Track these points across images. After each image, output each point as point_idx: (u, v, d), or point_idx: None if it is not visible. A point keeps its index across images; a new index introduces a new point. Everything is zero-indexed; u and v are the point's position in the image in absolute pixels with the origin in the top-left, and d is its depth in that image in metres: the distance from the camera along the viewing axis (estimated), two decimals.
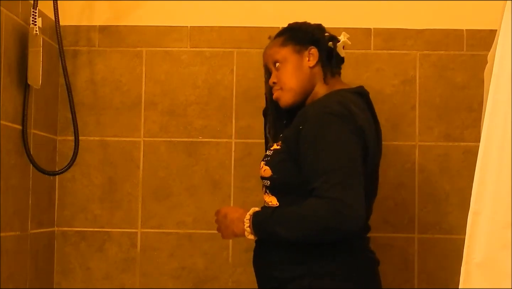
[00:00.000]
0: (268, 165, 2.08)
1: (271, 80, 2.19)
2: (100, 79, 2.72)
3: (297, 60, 2.15)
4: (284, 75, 2.15)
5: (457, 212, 2.64)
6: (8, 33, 2.20)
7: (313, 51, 2.15)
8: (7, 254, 2.20)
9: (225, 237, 2.16)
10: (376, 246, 2.16)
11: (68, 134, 2.65)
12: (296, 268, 2.02)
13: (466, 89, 2.67)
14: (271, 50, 2.20)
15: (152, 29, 2.72)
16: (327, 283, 1.99)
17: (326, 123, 1.99)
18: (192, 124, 2.70)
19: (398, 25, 2.69)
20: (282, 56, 2.16)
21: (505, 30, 1.74)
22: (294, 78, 2.14)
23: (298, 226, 1.96)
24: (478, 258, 1.68)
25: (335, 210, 1.89)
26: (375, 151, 2.11)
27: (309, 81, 2.15)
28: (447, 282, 2.60)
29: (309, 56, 2.15)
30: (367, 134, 2.03)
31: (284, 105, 2.17)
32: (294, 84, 2.14)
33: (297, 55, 2.15)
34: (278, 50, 2.17)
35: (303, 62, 2.15)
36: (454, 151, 2.66)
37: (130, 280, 2.68)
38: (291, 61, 2.15)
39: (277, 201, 2.07)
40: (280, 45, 2.17)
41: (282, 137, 2.10)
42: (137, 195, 2.69)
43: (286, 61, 2.15)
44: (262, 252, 2.11)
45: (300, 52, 2.15)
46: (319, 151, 1.97)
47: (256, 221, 2.03)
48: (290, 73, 2.14)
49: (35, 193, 2.45)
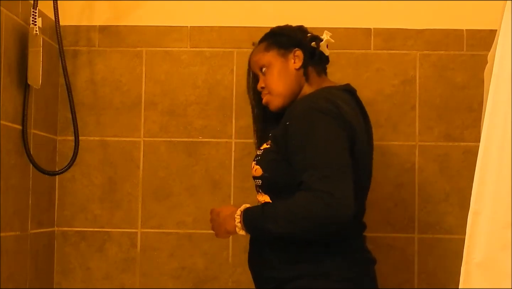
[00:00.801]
0: (259, 164, 2.08)
1: (259, 85, 2.21)
2: (100, 79, 2.72)
3: (282, 63, 2.17)
4: (271, 80, 2.16)
5: (457, 212, 2.64)
6: (8, 33, 2.20)
7: (298, 53, 2.16)
8: (7, 254, 2.21)
9: (218, 235, 2.15)
10: (376, 246, 2.17)
11: (68, 134, 2.65)
12: (293, 268, 2.02)
13: (466, 89, 2.67)
14: (256, 56, 2.21)
15: (152, 29, 2.72)
16: (323, 283, 1.99)
17: (313, 119, 2.00)
18: (192, 124, 2.70)
19: (398, 25, 2.69)
20: (267, 61, 2.17)
21: (505, 30, 1.74)
22: (282, 82, 2.15)
23: (289, 222, 1.94)
24: (478, 258, 1.68)
25: (325, 204, 1.88)
26: (366, 146, 2.11)
27: (296, 83, 2.16)
28: (447, 282, 2.60)
29: (294, 58, 2.16)
30: (356, 130, 2.03)
31: (274, 109, 2.18)
32: (281, 87, 2.15)
33: (282, 59, 2.17)
34: (262, 55, 2.19)
35: (289, 65, 2.16)
36: (454, 151, 2.66)
37: (130, 280, 2.68)
38: (277, 65, 2.16)
39: (270, 200, 2.07)
40: (264, 50, 2.19)
41: (271, 137, 2.11)
42: (137, 195, 2.69)
43: (271, 65, 2.17)
44: (258, 252, 2.11)
45: (284, 55, 2.17)
46: (307, 146, 1.96)
47: (247, 218, 2.02)
48: (277, 77, 2.16)
49: (35, 193, 2.45)
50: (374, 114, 2.24)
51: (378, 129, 2.26)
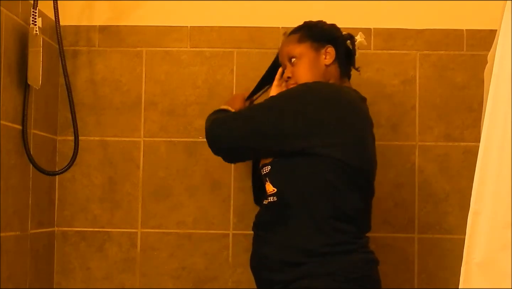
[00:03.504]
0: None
1: (285, 74, 2.22)
2: (100, 79, 2.72)
3: (314, 57, 2.18)
4: (299, 71, 2.17)
5: (457, 212, 2.64)
6: (8, 33, 2.20)
7: (330, 50, 2.18)
8: (7, 254, 2.21)
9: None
10: (376, 246, 2.17)
11: (68, 134, 2.65)
12: (297, 269, 2.02)
13: (466, 89, 2.67)
14: (288, 46, 2.22)
15: (152, 29, 2.72)
16: (327, 284, 1.99)
17: (296, 89, 2.09)
18: (192, 124, 2.70)
19: (398, 25, 2.69)
20: (299, 52, 2.18)
21: (505, 30, 1.74)
22: (310, 74, 2.16)
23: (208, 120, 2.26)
24: (478, 258, 1.69)
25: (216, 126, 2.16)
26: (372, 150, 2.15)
27: (323, 79, 2.17)
28: (447, 282, 2.60)
29: (326, 54, 2.18)
30: (366, 128, 2.07)
31: None
32: (309, 79, 2.15)
33: (314, 52, 2.18)
34: (295, 46, 2.20)
35: (320, 60, 2.18)
36: (454, 151, 2.66)
37: (130, 280, 2.68)
38: (308, 57, 2.17)
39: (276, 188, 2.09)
40: (297, 41, 2.20)
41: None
42: (137, 195, 2.69)
43: (302, 57, 2.18)
44: (262, 255, 2.11)
45: (317, 49, 2.18)
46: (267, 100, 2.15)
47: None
48: (306, 69, 2.17)
49: (35, 193, 2.45)
50: (374, 114, 2.24)
51: (378, 129, 2.26)
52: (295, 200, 2.05)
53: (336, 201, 2.04)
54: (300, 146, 2.03)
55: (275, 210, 2.09)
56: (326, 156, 2.02)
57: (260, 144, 2.09)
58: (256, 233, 2.18)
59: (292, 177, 2.06)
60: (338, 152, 2.02)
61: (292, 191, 2.05)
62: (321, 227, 2.02)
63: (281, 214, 2.07)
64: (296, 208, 2.05)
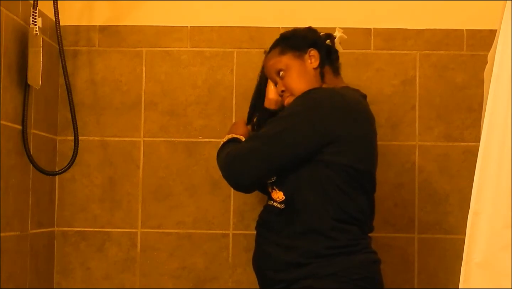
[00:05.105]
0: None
1: (278, 89, 2.21)
2: (100, 79, 2.72)
3: (300, 64, 2.17)
4: (291, 81, 2.17)
5: (457, 212, 2.64)
6: (8, 33, 2.20)
7: (313, 53, 2.17)
8: (7, 254, 2.21)
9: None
10: (376, 246, 2.16)
11: (68, 134, 2.65)
12: (300, 269, 2.02)
13: (466, 89, 2.67)
14: (271, 61, 2.22)
15: (152, 29, 2.72)
16: (329, 284, 1.99)
17: (300, 104, 2.07)
18: (192, 124, 2.70)
19: (398, 25, 2.69)
20: (284, 64, 2.18)
21: (505, 30, 1.74)
22: (302, 82, 2.16)
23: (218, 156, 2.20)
24: (478, 258, 1.69)
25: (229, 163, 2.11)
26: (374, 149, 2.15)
27: (316, 82, 2.17)
28: (447, 282, 2.60)
29: (310, 58, 2.17)
30: (371, 129, 2.08)
31: None
32: (303, 87, 2.14)
33: (299, 60, 2.17)
34: (279, 59, 2.19)
35: (306, 65, 2.17)
36: (454, 151, 2.66)
37: (130, 280, 2.68)
38: (294, 66, 2.17)
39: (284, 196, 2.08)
40: (279, 54, 2.20)
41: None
42: (137, 195, 2.69)
43: (289, 68, 2.17)
44: (265, 254, 2.11)
45: (300, 57, 2.18)
46: (274, 121, 2.11)
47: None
48: (297, 78, 2.16)
49: (35, 193, 2.45)
50: (374, 114, 2.24)
51: (378, 129, 2.26)
52: (304, 206, 2.05)
53: (344, 205, 2.04)
54: (312, 158, 2.04)
55: (283, 216, 2.09)
56: (335, 162, 2.03)
57: (279, 172, 2.10)
58: (260, 232, 2.17)
59: (301, 185, 2.05)
60: (346, 158, 2.03)
61: (301, 198, 2.05)
62: (328, 229, 2.03)
63: (289, 219, 2.07)
64: (304, 213, 2.05)
